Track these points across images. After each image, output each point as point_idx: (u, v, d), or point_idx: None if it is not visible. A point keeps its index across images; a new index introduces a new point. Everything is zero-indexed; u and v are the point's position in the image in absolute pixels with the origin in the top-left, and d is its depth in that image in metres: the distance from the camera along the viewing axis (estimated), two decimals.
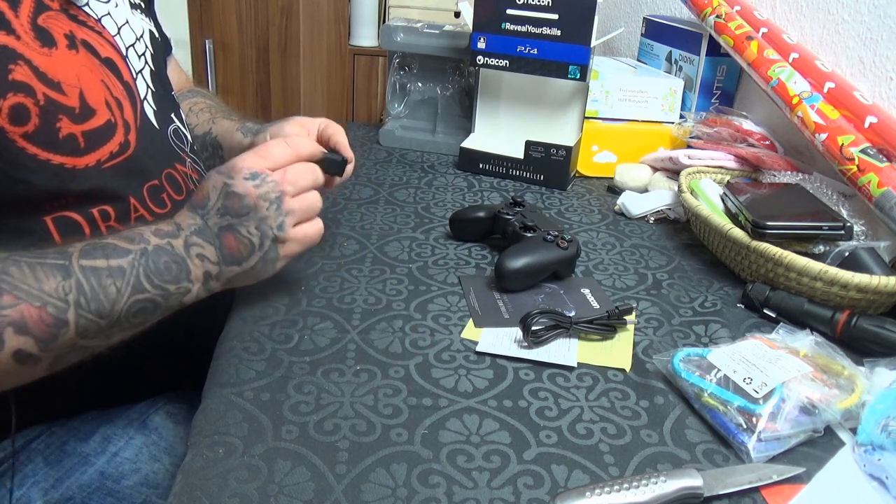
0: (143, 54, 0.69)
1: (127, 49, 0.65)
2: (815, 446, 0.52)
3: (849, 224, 0.71)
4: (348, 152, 0.70)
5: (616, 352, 0.62)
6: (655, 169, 1.03)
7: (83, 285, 0.50)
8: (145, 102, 0.66)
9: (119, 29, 0.65)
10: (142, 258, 0.53)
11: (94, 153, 0.58)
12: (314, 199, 0.61)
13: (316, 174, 0.62)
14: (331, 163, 0.67)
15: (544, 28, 0.97)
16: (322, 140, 0.72)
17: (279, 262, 0.60)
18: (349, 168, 0.71)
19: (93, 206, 0.58)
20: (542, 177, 1.02)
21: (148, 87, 0.68)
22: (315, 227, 0.62)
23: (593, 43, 0.96)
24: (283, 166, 0.59)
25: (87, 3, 0.61)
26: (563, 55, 0.97)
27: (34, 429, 0.66)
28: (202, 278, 0.57)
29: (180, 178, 0.68)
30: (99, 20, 0.62)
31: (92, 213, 0.59)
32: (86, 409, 0.69)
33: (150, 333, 0.64)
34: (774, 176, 0.87)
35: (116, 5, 0.66)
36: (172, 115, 0.71)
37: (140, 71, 0.67)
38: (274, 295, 0.66)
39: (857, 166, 0.74)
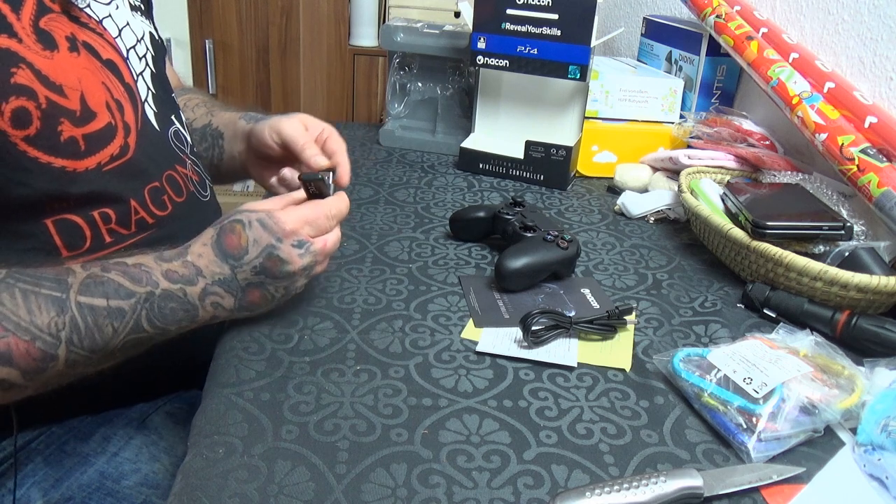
0: (144, 56, 0.69)
1: (128, 51, 0.65)
2: (815, 446, 0.52)
3: (849, 224, 0.71)
4: (345, 176, 0.69)
5: (616, 352, 0.62)
6: (655, 169, 1.03)
7: (78, 323, 0.49)
8: (146, 104, 0.66)
9: (120, 31, 0.65)
10: (146, 303, 0.52)
11: (95, 156, 0.57)
12: (327, 264, 0.63)
13: (339, 242, 0.62)
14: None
15: (544, 28, 0.97)
16: (324, 151, 0.71)
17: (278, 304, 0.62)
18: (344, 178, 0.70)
19: (93, 209, 0.58)
20: (542, 177, 1.02)
21: (149, 88, 0.67)
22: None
23: (593, 43, 0.96)
24: (325, 234, 0.60)
25: (89, 5, 0.61)
26: (563, 55, 0.97)
27: (34, 429, 0.66)
28: (207, 320, 0.57)
29: (181, 180, 0.68)
30: (100, 22, 0.62)
31: (93, 215, 0.58)
32: (85, 409, 0.69)
33: None
34: (774, 176, 0.87)
35: (117, 7, 0.66)
36: (173, 117, 0.71)
37: (141, 73, 0.67)
38: None
39: (857, 166, 0.74)
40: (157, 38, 0.75)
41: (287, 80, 2.30)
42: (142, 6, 0.74)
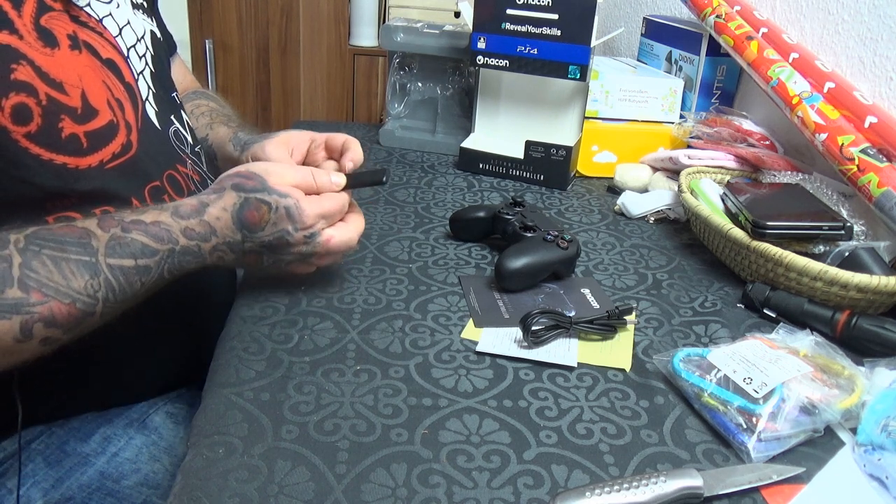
0: (144, 55, 0.69)
1: (128, 50, 0.65)
2: (815, 446, 0.52)
3: (849, 224, 0.71)
4: (353, 159, 0.70)
5: (616, 352, 0.62)
6: (655, 169, 1.03)
7: (112, 284, 0.52)
8: (147, 103, 0.66)
9: (120, 30, 0.65)
10: (168, 258, 0.55)
11: (97, 154, 0.58)
12: (332, 261, 0.65)
13: (351, 244, 0.64)
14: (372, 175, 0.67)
15: (544, 28, 0.97)
16: (333, 145, 0.72)
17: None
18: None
19: (95, 207, 0.58)
20: (542, 177, 1.02)
21: (149, 88, 0.67)
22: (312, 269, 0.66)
23: (593, 43, 0.96)
24: (332, 214, 0.62)
25: (89, 4, 0.61)
26: (563, 55, 0.97)
27: (34, 429, 0.66)
28: (210, 266, 0.60)
29: (181, 179, 0.68)
30: (100, 21, 0.62)
31: (94, 213, 0.58)
32: (86, 410, 0.69)
33: (150, 334, 0.64)
34: (774, 176, 0.87)
35: (118, 6, 0.66)
36: (173, 117, 0.71)
37: (141, 72, 0.67)
38: (274, 295, 0.66)
39: (857, 166, 0.74)
40: (158, 36, 0.75)
41: (287, 80, 2.30)
42: (144, 3, 0.73)
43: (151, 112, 0.66)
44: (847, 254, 0.70)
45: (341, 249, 0.63)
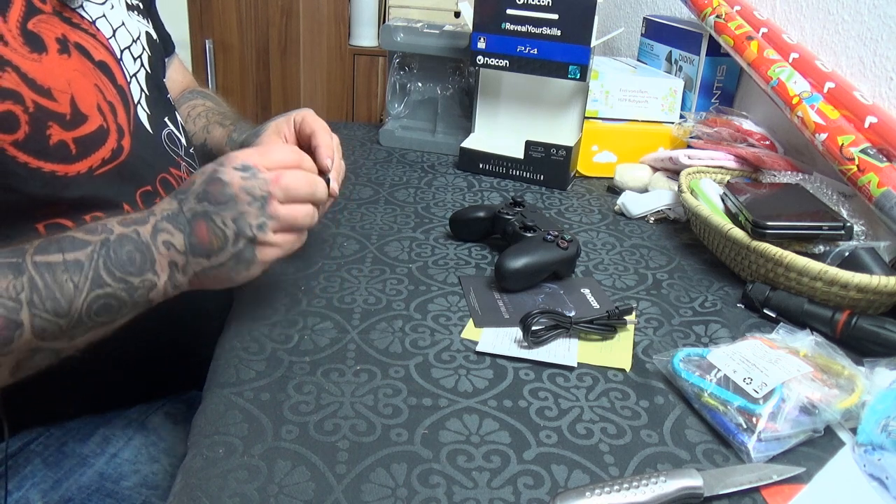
0: (139, 57, 0.68)
1: (122, 52, 0.65)
2: (815, 446, 0.52)
3: (849, 224, 0.71)
4: (327, 154, 0.64)
5: (616, 352, 0.62)
6: (655, 169, 1.03)
7: (36, 282, 0.47)
8: (139, 107, 0.65)
9: (114, 31, 0.65)
10: (102, 249, 0.50)
11: (86, 160, 0.57)
12: (305, 213, 0.57)
13: (316, 188, 0.57)
14: None
15: (544, 28, 0.97)
16: (303, 136, 0.68)
17: (255, 266, 0.55)
18: (333, 186, 0.64)
19: (86, 213, 0.58)
20: (542, 177, 1.02)
21: (142, 90, 0.67)
22: (300, 238, 0.58)
23: (593, 43, 0.96)
24: (283, 168, 0.55)
25: (82, 6, 0.61)
26: (563, 55, 0.97)
27: (33, 430, 0.66)
28: (167, 269, 0.53)
29: (175, 183, 0.68)
30: (93, 22, 0.62)
31: (85, 220, 0.58)
32: (85, 411, 0.69)
33: (149, 334, 0.64)
34: (774, 176, 0.87)
35: (112, 7, 0.66)
36: (167, 119, 0.71)
37: (135, 74, 0.66)
38: (274, 295, 0.66)
39: (857, 166, 0.74)
40: (154, 37, 0.74)
41: (287, 80, 2.30)
42: (139, 5, 0.73)
43: (143, 115, 0.66)
44: (847, 254, 0.70)
45: (300, 193, 0.56)
